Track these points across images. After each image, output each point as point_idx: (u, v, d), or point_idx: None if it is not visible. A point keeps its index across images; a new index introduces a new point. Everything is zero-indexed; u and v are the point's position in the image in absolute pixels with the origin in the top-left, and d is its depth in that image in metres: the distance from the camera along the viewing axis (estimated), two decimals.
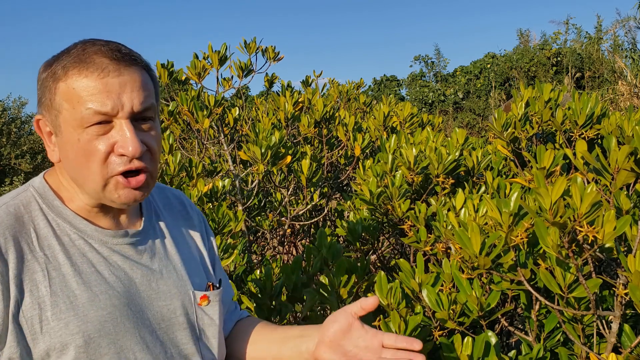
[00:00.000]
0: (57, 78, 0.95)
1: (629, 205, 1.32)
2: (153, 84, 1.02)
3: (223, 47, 3.30)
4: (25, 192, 1.00)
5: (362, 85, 5.23)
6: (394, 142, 2.45)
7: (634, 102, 8.19)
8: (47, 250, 0.95)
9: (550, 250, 1.18)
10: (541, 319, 1.54)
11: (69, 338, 0.91)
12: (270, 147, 2.68)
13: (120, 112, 0.94)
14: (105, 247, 1.01)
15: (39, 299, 0.91)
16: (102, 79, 0.93)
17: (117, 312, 0.96)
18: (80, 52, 0.95)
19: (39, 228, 0.96)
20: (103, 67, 0.94)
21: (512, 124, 2.06)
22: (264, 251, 3.51)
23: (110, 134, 0.95)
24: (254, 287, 1.92)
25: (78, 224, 0.99)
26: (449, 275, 1.48)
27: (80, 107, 0.93)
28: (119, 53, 0.96)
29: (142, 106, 0.96)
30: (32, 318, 0.90)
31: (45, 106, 0.98)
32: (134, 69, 0.97)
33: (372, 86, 21.34)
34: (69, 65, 0.94)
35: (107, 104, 0.93)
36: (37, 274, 0.92)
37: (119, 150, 0.94)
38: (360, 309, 1.03)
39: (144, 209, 1.12)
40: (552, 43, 16.64)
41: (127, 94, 0.94)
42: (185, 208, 1.22)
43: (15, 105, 12.05)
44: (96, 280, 0.96)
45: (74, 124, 0.94)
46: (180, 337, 1.05)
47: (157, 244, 1.09)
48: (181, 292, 1.07)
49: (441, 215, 1.73)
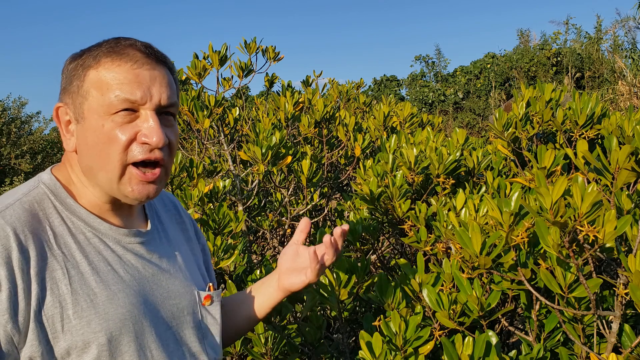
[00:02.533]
0: (87, 66, 0.97)
1: (629, 205, 1.32)
2: (176, 85, 1.05)
3: (223, 47, 3.30)
4: (37, 188, 0.99)
5: (362, 85, 5.22)
6: (394, 142, 2.45)
7: (634, 102, 8.19)
8: (64, 249, 0.94)
9: (550, 249, 1.18)
10: (541, 318, 1.54)
11: (92, 336, 0.91)
12: (271, 147, 2.68)
13: (148, 102, 0.97)
14: (119, 246, 1.01)
15: (60, 297, 0.91)
16: (134, 69, 0.96)
17: (135, 310, 0.97)
18: (113, 44, 0.98)
19: (55, 226, 0.96)
20: (136, 59, 0.97)
21: (513, 124, 2.06)
22: (264, 251, 3.51)
23: (135, 123, 0.97)
24: None
25: (92, 222, 0.99)
26: (449, 275, 1.48)
27: (110, 94, 0.95)
28: (152, 50, 1.00)
29: (168, 101, 0.99)
30: (53, 316, 0.90)
31: (70, 93, 0.98)
32: (163, 66, 1.01)
33: (372, 86, 21.34)
34: (102, 55, 0.97)
35: (136, 93, 0.95)
36: (56, 272, 0.92)
37: (142, 138, 0.96)
38: (299, 233, 1.25)
39: (147, 209, 1.13)
40: (552, 43, 16.66)
41: (157, 87, 0.98)
42: (179, 211, 1.24)
43: (15, 106, 12.06)
44: (113, 278, 0.97)
45: (100, 110, 0.95)
46: (189, 336, 1.07)
47: (163, 245, 1.11)
48: (187, 291, 1.09)
49: (441, 215, 1.73)
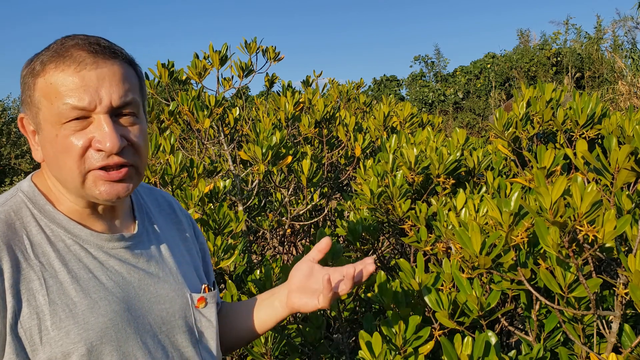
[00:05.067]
0: (35, 74, 0.92)
1: (629, 205, 1.32)
2: (138, 78, 0.98)
3: (224, 47, 3.30)
4: (14, 197, 0.95)
5: (362, 85, 5.22)
6: (394, 142, 2.45)
7: (633, 101, 8.19)
8: (42, 258, 0.91)
9: (550, 249, 1.18)
10: (541, 318, 1.54)
11: (71, 347, 0.88)
12: (271, 147, 2.68)
13: (99, 106, 0.90)
14: (101, 252, 0.97)
15: (37, 308, 0.88)
16: (78, 72, 0.90)
17: (118, 318, 0.93)
18: (59, 46, 0.92)
19: (32, 235, 0.92)
20: (80, 60, 0.90)
21: (513, 124, 2.06)
22: (264, 251, 3.51)
23: (89, 129, 0.91)
24: (254, 287, 1.92)
25: (72, 229, 0.96)
26: (449, 275, 1.48)
27: (58, 103, 0.90)
28: (98, 46, 0.92)
29: (121, 100, 0.92)
30: (30, 329, 0.87)
31: (26, 104, 0.95)
32: (113, 62, 0.93)
33: (372, 86, 21.34)
34: (47, 60, 0.91)
35: (84, 98, 0.89)
36: (33, 282, 0.89)
37: (97, 145, 0.91)
38: (317, 252, 1.15)
39: (137, 211, 1.09)
40: (552, 43, 16.66)
41: (106, 88, 0.91)
42: (175, 211, 1.20)
43: (15, 105, 12.06)
44: (94, 286, 0.93)
45: (52, 120, 0.91)
46: (181, 341, 1.03)
47: (152, 247, 1.07)
48: (179, 295, 1.05)
49: (442, 215, 1.73)
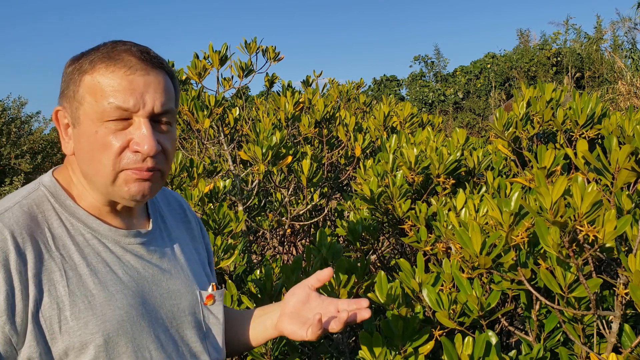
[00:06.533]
0: (83, 71, 0.97)
1: (629, 205, 1.32)
2: (175, 91, 1.03)
3: (223, 47, 3.30)
4: (37, 190, 1.00)
5: (362, 85, 5.22)
6: (394, 142, 2.45)
7: (633, 101, 8.19)
8: (62, 250, 0.95)
9: (550, 249, 1.18)
10: (541, 318, 1.54)
11: (89, 337, 0.92)
12: (272, 147, 2.68)
13: (141, 110, 0.95)
14: (118, 247, 1.02)
15: (57, 298, 0.91)
16: (128, 76, 0.95)
17: (133, 311, 0.97)
18: (109, 49, 0.97)
19: (53, 228, 0.96)
20: (131, 65, 0.95)
21: (513, 124, 2.06)
22: (264, 251, 3.51)
23: (128, 131, 0.96)
24: (254, 287, 1.92)
25: (91, 224, 1.00)
26: (449, 275, 1.48)
27: (103, 101, 0.94)
28: (148, 55, 0.98)
29: (162, 108, 0.98)
30: (50, 318, 0.91)
31: (67, 98, 0.99)
32: (159, 72, 0.99)
33: (372, 86, 21.34)
34: (97, 60, 0.96)
35: (129, 100, 0.94)
36: (54, 273, 0.93)
37: (134, 147, 0.95)
38: (316, 281, 1.14)
39: (150, 209, 1.13)
40: (552, 43, 16.66)
41: (150, 94, 0.96)
42: (184, 211, 1.24)
43: (15, 105, 12.05)
44: (112, 279, 0.97)
45: (94, 116, 0.95)
46: (190, 336, 1.07)
47: (164, 245, 1.11)
48: (189, 291, 1.09)
49: (442, 215, 1.73)
